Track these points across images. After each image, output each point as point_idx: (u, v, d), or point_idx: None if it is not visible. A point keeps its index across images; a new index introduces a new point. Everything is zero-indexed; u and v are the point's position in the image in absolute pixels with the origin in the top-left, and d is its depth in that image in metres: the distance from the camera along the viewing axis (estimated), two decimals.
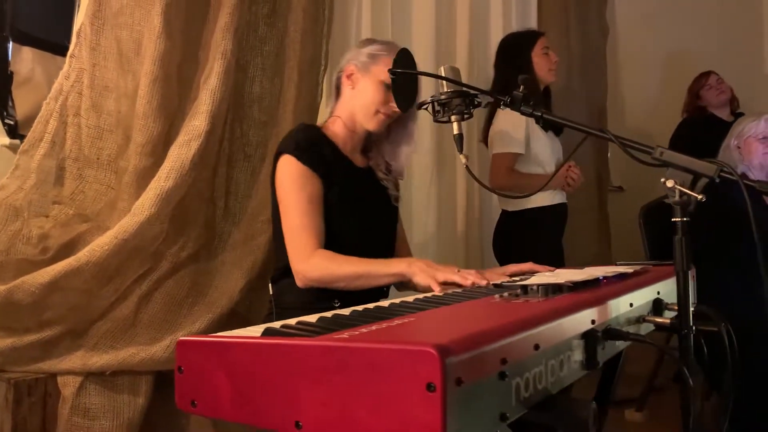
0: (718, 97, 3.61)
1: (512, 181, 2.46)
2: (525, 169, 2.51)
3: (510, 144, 2.47)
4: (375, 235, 1.75)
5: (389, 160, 1.83)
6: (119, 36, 1.84)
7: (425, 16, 2.78)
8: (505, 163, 2.48)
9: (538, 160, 2.51)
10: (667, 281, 1.48)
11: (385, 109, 1.70)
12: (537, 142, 2.50)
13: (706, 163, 1.21)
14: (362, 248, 1.62)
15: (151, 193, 1.71)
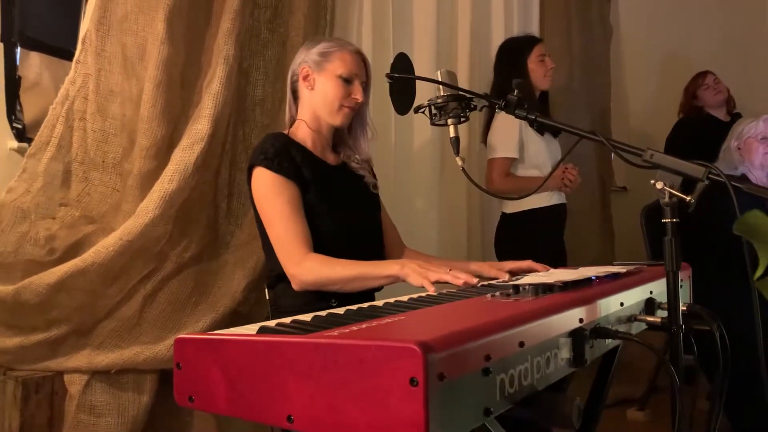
0: (715, 97, 3.61)
1: (508, 185, 2.51)
2: (522, 173, 2.55)
3: (504, 149, 2.52)
4: (360, 229, 1.76)
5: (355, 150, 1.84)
6: (124, 41, 1.88)
7: (426, 20, 2.80)
8: (501, 168, 2.52)
9: (534, 163, 2.55)
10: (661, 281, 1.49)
11: (347, 102, 1.71)
12: (532, 146, 2.53)
13: (695, 165, 1.24)
14: (350, 244, 1.65)
15: (155, 195, 1.75)
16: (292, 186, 1.61)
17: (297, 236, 1.56)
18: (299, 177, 1.62)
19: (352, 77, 1.71)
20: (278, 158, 1.60)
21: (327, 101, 1.70)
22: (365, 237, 1.77)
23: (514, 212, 2.59)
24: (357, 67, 1.72)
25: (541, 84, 2.64)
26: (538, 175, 2.54)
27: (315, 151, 1.73)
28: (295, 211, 1.59)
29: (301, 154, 1.68)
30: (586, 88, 3.87)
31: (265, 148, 1.62)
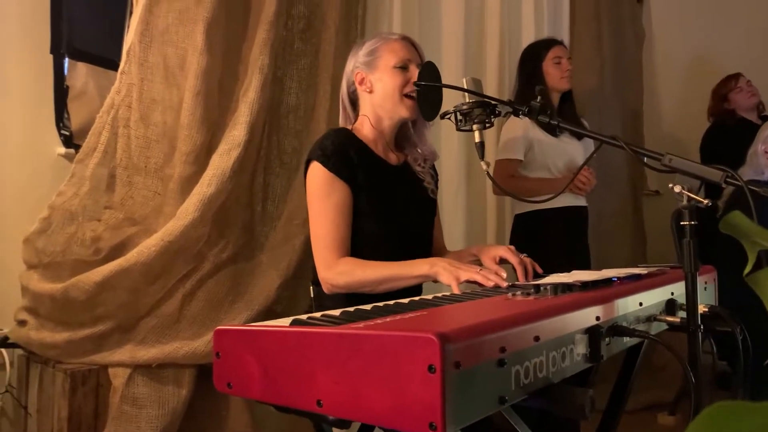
0: (750, 99, 3.55)
1: (514, 185, 2.53)
2: (532, 174, 2.58)
3: (509, 151, 2.56)
4: (411, 233, 1.76)
5: (420, 146, 1.83)
6: (165, 52, 1.98)
7: (455, 27, 2.85)
8: (506, 169, 2.56)
9: (543, 165, 2.58)
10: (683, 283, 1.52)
11: (409, 89, 1.69)
12: (541, 146, 2.56)
13: (712, 169, 1.27)
14: (397, 248, 1.66)
15: (194, 198, 1.84)
16: (344, 187, 1.61)
17: (335, 240, 1.58)
18: (353, 179, 1.62)
19: (407, 63, 1.70)
20: (335, 157, 1.61)
21: (388, 95, 1.69)
22: (414, 242, 1.76)
23: (521, 213, 2.63)
24: (408, 53, 1.71)
25: (559, 85, 2.65)
26: (547, 176, 2.58)
27: (377, 150, 1.73)
28: (339, 214, 1.60)
29: (361, 153, 1.67)
30: (617, 92, 3.86)
31: (325, 145, 1.63)
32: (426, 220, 1.84)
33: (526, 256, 1.65)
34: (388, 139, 1.77)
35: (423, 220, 1.83)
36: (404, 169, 1.80)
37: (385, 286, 1.56)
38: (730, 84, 3.61)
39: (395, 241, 1.69)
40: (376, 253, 1.62)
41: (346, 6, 2.31)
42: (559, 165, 2.61)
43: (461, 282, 1.47)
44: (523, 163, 2.59)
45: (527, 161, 2.59)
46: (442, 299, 1.23)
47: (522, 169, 2.61)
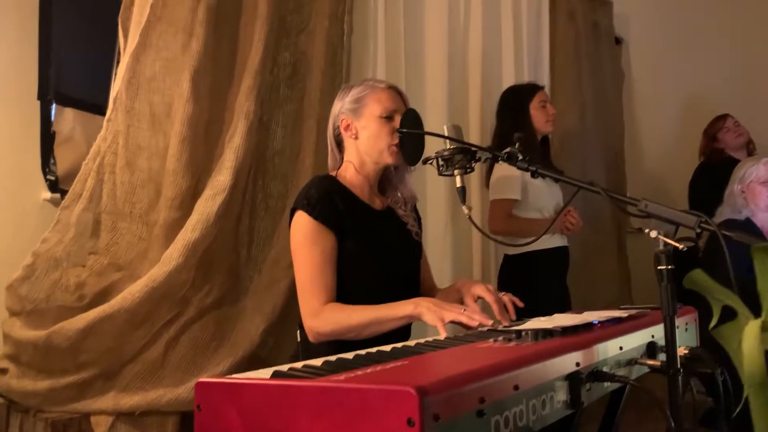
0: (737, 139, 3.65)
1: (510, 226, 2.58)
2: (523, 214, 2.62)
3: (507, 191, 2.59)
4: (399, 277, 1.77)
5: (401, 189, 1.85)
6: (152, 100, 2.01)
7: (439, 70, 2.92)
8: (503, 209, 2.60)
9: (535, 206, 2.62)
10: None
11: (393, 139, 1.72)
12: (534, 189, 2.61)
13: (687, 214, 1.30)
14: (387, 292, 1.66)
15: (179, 243, 1.85)
16: (329, 235, 1.62)
17: (320, 288, 1.59)
18: (339, 225, 1.64)
19: (392, 113, 1.72)
20: (320, 205, 1.62)
21: (374, 144, 1.72)
22: (403, 285, 1.76)
23: (515, 254, 2.65)
24: (394, 102, 1.74)
25: (544, 129, 2.74)
26: (539, 217, 2.62)
27: (362, 196, 1.75)
28: (325, 261, 1.61)
29: (346, 200, 1.69)
30: (599, 133, 3.94)
31: (310, 194, 1.64)
32: (413, 262, 1.86)
33: (505, 294, 1.66)
34: (372, 183, 1.80)
35: (410, 263, 1.85)
36: (389, 213, 1.82)
37: (370, 330, 1.57)
38: (719, 124, 3.72)
39: (384, 285, 1.70)
40: (364, 298, 1.62)
41: (331, 53, 2.36)
42: (549, 207, 2.66)
43: (446, 323, 1.48)
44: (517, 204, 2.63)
45: (520, 202, 2.63)
46: (424, 345, 1.24)
47: (514, 210, 2.65)
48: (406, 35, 2.79)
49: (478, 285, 1.70)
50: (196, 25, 2.00)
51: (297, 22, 2.34)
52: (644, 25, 4.41)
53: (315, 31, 2.36)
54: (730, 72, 4.57)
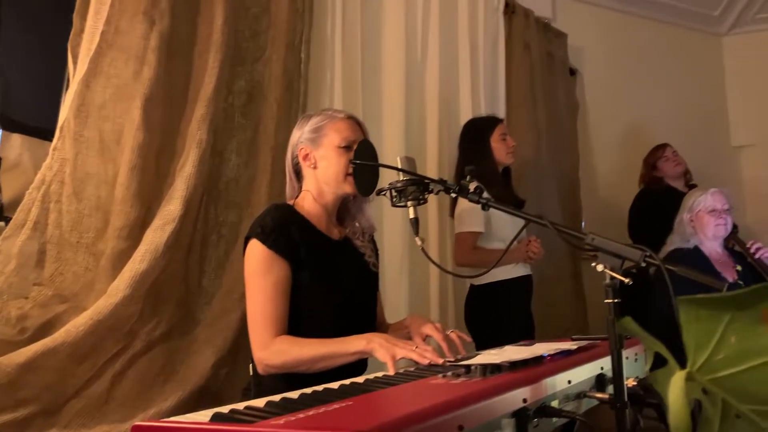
0: (675, 168, 3.78)
1: (475, 257, 2.60)
2: (488, 245, 2.64)
3: (470, 223, 2.62)
4: (355, 308, 1.76)
5: (359, 219, 1.84)
6: (102, 127, 1.97)
7: (396, 100, 2.94)
8: (468, 242, 2.62)
9: (499, 237, 2.65)
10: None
11: (351, 170, 1.71)
12: (497, 220, 2.64)
13: (632, 249, 1.32)
14: (343, 323, 1.65)
15: (126, 275, 1.81)
16: (284, 265, 1.60)
17: (271, 319, 1.57)
18: (294, 255, 1.62)
19: (351, 143, 1.71)
20: (275, 234, 1.60)
21: (333, 174, 1.71)
22: (358, 316, 1.76)
23: (480, 284, 2.67)
24: (353, 133, 1.74)
25: (505, 160, 2.79)
26: (503, 247, 2.64)
27: (319, 226, 1.73)
28: (278, 292, 1.59)
29: (303, 229, 1.67)
30: (554, 162, 4.00)
31: (265, 222, 1.62)
32: (369, 293, 1.86)
33: (453, 331, 1.67)
34: (330, 213, 1.79)
35: (366, 293, 1.84)
36: (346, 243, 1.81)
37: (322, 365, 1.55)
38: (658, 153, 3.84)
39: (340, 316, 1.69)
40: (320, 329, 1.61)
41: (287, 81, 2.36)
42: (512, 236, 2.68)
43: (397, 360, 1.47)
44: (481, 236, 2.65)
45: (484, 233, 2.65)
46: (373, 382, 1.22)
47: (479, 242, 2.66)
48: (363, 65, 2.81)
49: (426, 324, 1.70)
50: (149, 52, 1.98)
51: (253, 50, 2.33)
52: (597, 57, 4.54)
53: (271, 59, 2.35)
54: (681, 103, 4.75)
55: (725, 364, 0.49)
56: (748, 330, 0.48)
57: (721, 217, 2.73)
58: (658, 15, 4.77)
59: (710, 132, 4.99)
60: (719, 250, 2.77)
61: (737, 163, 5.13)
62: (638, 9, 4.66)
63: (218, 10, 2.12)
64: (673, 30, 4.88)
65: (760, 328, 0.48)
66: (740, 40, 5.10)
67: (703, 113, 4.96)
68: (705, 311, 0.49)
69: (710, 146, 4.89)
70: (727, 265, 2.75)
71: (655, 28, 4.78)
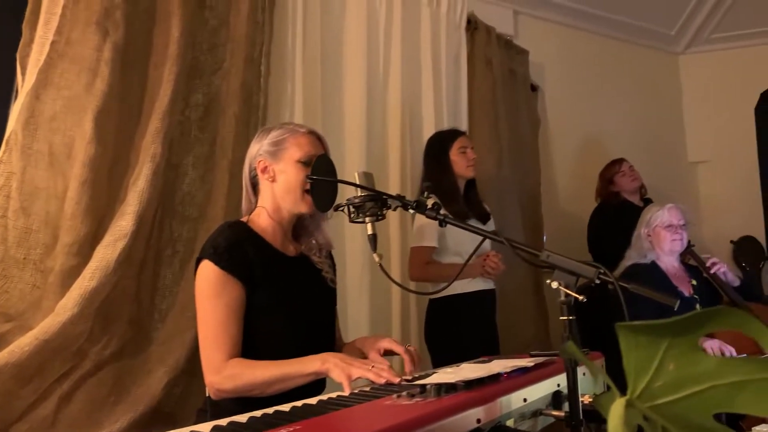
0: (632, 183, 3.84)
1: (428, 272, 2.61)
2: (444, 260, 2.64)
3: (425, 238, 2.62)
4: (313, 326, 1.72)
5: (316, 236, 1.81)
6: (51, 140, 1.91)
7: (357, 114, 2.92)
8: (421, 256, 2.62)
9: (455, 251, 2.65)
10: None
11: (309, 185, 1.68)
12: (452, 234, 2.63)
13: (587, 266, 1.33)
14: (300, 342, 1.62)
15: (74, 293, 1.75)
16: (237, 286, 1.56)
17: (224, 342, 1.53)
18: (248, 275, 1.58)
19: (311, 159, 1.68)
20: (228, 253, 1.56)
21: (290, 188, 1.68)
22: (318, 333, 1.73)
23: (438, 298, 2.66)
24: (314, 148, 1.71)
25: (465, 173, 2.78)
26: (460, 261, 2.64)
27: (274, 242, 1.70)
28: (230, 314, 1.55)
29: (257, 247, 1.63)
30: (516, 175, 4.03)
31: (218, 242, 1.58)
32: (327, 310, 1.82)
33: (410, 346, 1.65)
34: (286, 229, 1.75)
35: (324, 311, 1.81)
36: (302, 260, 1.78)
37: (277, 387, 1.51)
38: (615, 168, 3.91)
39: (299, 334, 1.66)
40: (278, 349, 1.57)
41: (246, 95, 2.32)
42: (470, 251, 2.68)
43: (353, 379, 1.44)
44: (437, 250, 2.64)
45: (441, 248, 2.65)
46: (327, 404, 1.20)
47: (435, 255, 2.65)
48: (324, 79, 2.79)
49: (384, 339, 1.68)
50: (102, 64, 1.93)
51: (210, 63, 2.30)
52: (558, 73, 4.61)
53: (230, 72, 2.32)
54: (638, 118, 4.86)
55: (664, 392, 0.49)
56: (686, 357, 0.47)
57: (677, 233, 2.77)
58: (617, 33, 4.87)
59: (668, 148, 5.10)
60: (675, 265, 2.82)
61: (694, 178, 5.25)
62: (598, 27, 4.76)
63: (175, 22, 2.09)
64: (632, 48, 5.00)
65: (698, 355, 0.47)
66: (696, 58, 5.24)
67: (661, 129, 5.08)
68: (643, 337, 0.48)
69: (668, 162, 5.00)
70: (683, 279, 2.80)
71: (615, 46, 4.89)
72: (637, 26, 4.89)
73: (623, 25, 4.84)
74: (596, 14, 4.66)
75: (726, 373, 0.46)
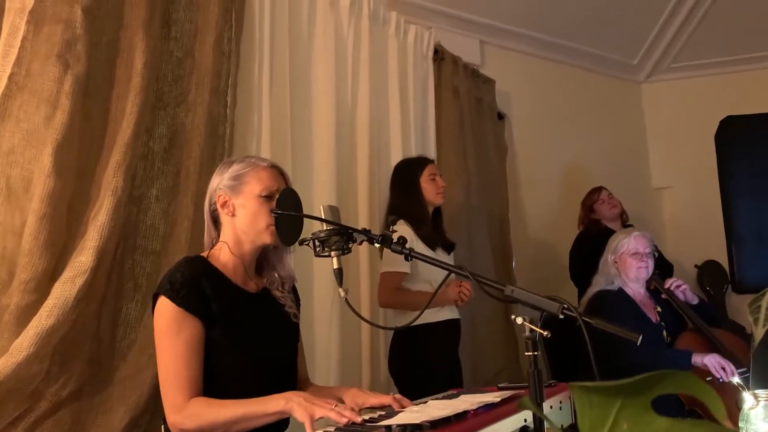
0: (611, 210, 3.90)
1: (398, 298, 2.59)
2: (414, 287, 2.63)
3: (396, 264, 2.60)
4: (272, 364, 1.69)
5: (278, 269, 1.78)
6: (9, 174, 1.87)
7: (326, 145, 2.92)
8: (392, 282, 2.61)
9: (425, 278, 2.64)
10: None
11: (272, 220, 1.65)
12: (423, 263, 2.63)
13: (550, 301, 1.33)
14: (263, 379, 1.59)
15: (30, 332, 1.69)
16: (194, 322, 1.54)
17: (185, 380, 1.50)
18: (205, 312, 1.55)
19: (273, 193, 1.67)
20: (185, 289, 1.54)
21: (252, 223, 1.66)
22: (278, 371, 1.70)
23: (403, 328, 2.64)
24: (275, 182, 1.69)
25: (435, 200, 2.79)
26: (429, 289, 2.63)
27: (235, 278, 1.67)
28: (190, 351, 1.52)
29: (215, 283, 1.60)
30: (484, 202, 4.06)
31: (174, 278, 1.55)
32: (289, 346, 1.79)
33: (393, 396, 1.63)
34: (247, 264, 1.72)
35: (286, 347, 1.78)
36: (264, 295, 1.75)
37: (239, 427, 1.48)
38: (594, 196, 3.97)
39: (259, 372, 1.63)
40: (238, 388, 1.54)
41: (211, 126, 2.30)
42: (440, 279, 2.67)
43: (315, 419, 1.42)
44: (407, 277, 2.63)
45: (411, 274, 2.64)
46: None
47: (405, 282, 2.64)
48: (292, 110, 2.79)
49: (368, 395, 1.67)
50: (62, 96, 1.90)
51: (175, 95, 2.28)
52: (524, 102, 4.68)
53: (195, 103, 2.30)
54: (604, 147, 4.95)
55: None
56: (640, 417, 0.47)
57: (643, 260, 2.81)
58: (581, 62, 4.98)
59: (633, 174, 5.20)
60: (642, 291, 2.85)
61: (659, 203, 5.35)
62: (562, 56, 4.86)
63: (138, 54, 2.07)
64: (596, 77, 5.10)
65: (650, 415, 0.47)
66: (657, 87, 5.38)
67: (626, 156, 5.17)
68: (597, 397, 0.48)
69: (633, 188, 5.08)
70: (649, 306, 2.83)
71: (579, 75, 4.99)
72: (600, 56, 5.01)
73: (587, 55, 4.95)
74: (560, 44, 4.76)
75: None
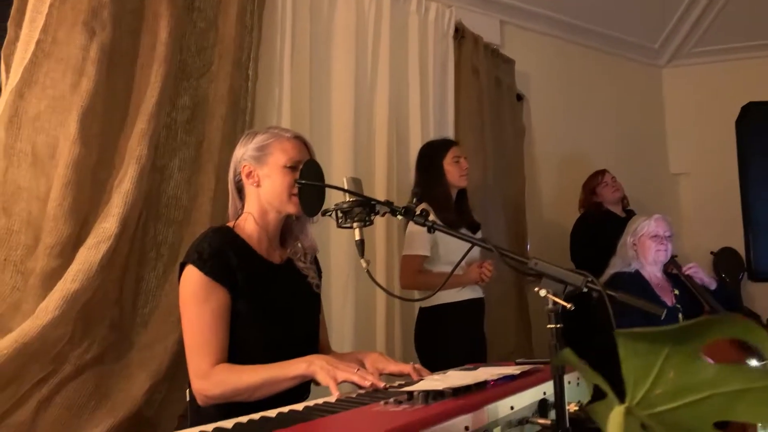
0: (613, 194, 3.89)
1: (419, 280, 2.61)
2: (435, 269, 2.64)
3: (416, 246, 2.62)
4: (296, 335, 1.70)
5: (301, 239, 1.79)
6: (35, 140, 1.88)
7: (345, 120, 2.92)
8: (412, 265, 2.62)
9: (447, 260, 2.65)
10: None
11: (297, 190, 1.66)
12: (444, 243, 2.64)
13: (574, 274, 1.33)
14: (284, 350, 1.60)
15: (56, 295, 1.72)
16: (221, 292, 1.55)
17: (210, 348, 1.51)
18: (232, 283, 1.57)
19: (297, 164, 1.67)
20: (213, 260, 1.54)
21: (277, 193, 1.67)
22: (300, 343, 1.71)
23: (428, 306, 2.66)
24: (299, 153, 1.69)
25: (458, 183, 2.79)
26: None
27: (260, 249, 1.68)
28: (216, 320, 1.54)
29: (241, 254, 1.61)
30: (500, 184, 4.05)
31: (202, 248, 1.56)
32: (312, 318, 1.81)
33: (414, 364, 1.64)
34: (272, 235, 1.73)
35: (309, 318, 1.79)
36: (287, 266, 1.76)
37: (263, 392, 1.50)
38: (597, 179, 3.95)
39: (283, 344, 1.64)
40: (259, 357, 1.55)
41: (233, 98, 2.31)
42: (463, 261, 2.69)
43: (339, 382, 1.44)
44: (428, 259, 2.64)
45: (432, 257, 2.65)
46: (313, 410, 1.18)
47: (427, 264, 2.65)
48: (312, 84, 2.79)
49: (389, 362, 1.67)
50: (88, 63, 1.91)
51: (198, 66, 2.28)
52: (543, 83, 4.64)
53: (218, 75, 2.30)
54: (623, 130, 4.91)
55: (663, 400, 0.48)
56: (686, 365, 0.47)
57: (663, 243, 2.80)
58: (601, 45, 4.92)
59: (650, 159, 5.15)
60: (659, 275, 2.84)
61: (676, 189, 5.31)
62: (583, 39, 4.80)
63: (163, 24, 2.07)
64: (616, 60, 5.05)
65: (698, 363, 0.47)
66: (678, 71, 5.31)
67: (644, 141, 5.13)
68: (643, 345, 0.48)
69: (650, 173, 5.05)
70: (665, 289, 2.82)
71: (599, 58, 4.94)
72: (622, 39, 4.95)
73: (608, 38, 4.90)
74: (581, 26, 4.71)
75: (725, 382, 0.46)
